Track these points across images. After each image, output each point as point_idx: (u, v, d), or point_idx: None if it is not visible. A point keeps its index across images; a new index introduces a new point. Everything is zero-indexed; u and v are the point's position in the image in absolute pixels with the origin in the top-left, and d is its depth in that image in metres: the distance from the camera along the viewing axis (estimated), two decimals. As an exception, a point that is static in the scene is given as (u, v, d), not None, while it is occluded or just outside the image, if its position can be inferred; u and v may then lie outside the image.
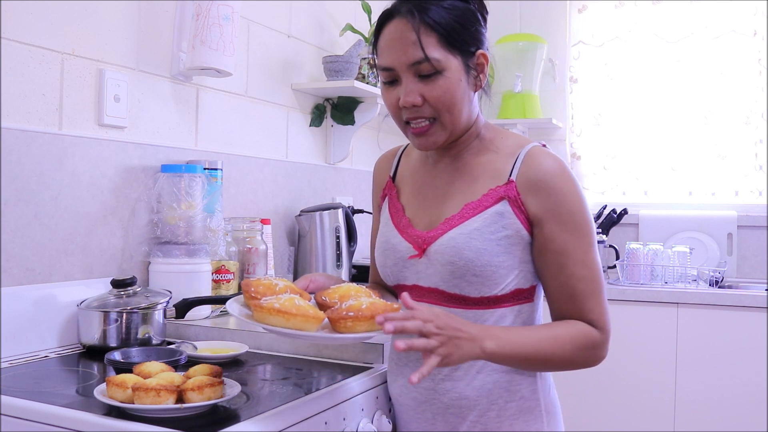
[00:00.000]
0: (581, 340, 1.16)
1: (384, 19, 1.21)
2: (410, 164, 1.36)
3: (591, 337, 1.17)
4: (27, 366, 1.37)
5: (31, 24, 1.53)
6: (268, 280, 1.18)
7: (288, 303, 1.09)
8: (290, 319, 1.08)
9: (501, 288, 1.19)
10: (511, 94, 3.35)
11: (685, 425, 2.58)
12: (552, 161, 1.20)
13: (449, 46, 1.16)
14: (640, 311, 2.68)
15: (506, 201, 1.19)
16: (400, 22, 1.17)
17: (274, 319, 1.08)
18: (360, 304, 1.10)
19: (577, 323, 1.18)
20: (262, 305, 1.09)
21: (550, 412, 1.25)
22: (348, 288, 1.18)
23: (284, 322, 1.08)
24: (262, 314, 1.09)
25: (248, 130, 2.21)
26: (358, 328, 1.09)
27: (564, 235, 1.17)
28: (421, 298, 1.23)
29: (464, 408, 1.21)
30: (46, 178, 1.55)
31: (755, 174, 3.09)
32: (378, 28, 1.22)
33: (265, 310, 1.08)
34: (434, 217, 1.26)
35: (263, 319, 1.09)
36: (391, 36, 1.18)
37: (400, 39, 1.16)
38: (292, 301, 1.10)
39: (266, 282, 1.17)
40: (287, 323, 1.08)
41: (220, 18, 1.82)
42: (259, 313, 1.10)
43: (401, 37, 1.16)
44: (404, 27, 1.16)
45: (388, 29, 1.19)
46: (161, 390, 1.00)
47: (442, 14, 1.16)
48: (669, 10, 3.23)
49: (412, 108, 1.18)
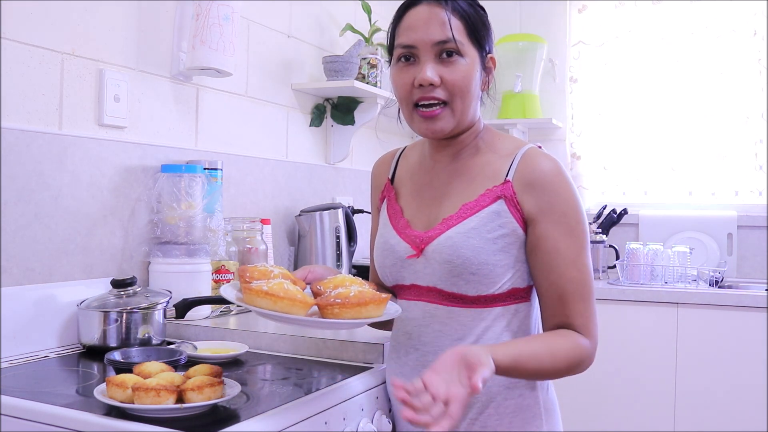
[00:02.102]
0: (576, 356, 1.17)
1: (410, 3, 1.24)
2: (408, 166, 1.37)
3: (584, 351, 1.18)
4: (27, 366, 1.37)
5: (31, 24, 1.53)
6: (264, 267, 1.19)
7: (276, 286, 1.10)
8: (277, 302, 1.09)
9: (498, 287, 1.20)
10: (511, 94, 3.35)
11: (685, 425, 2.58)
12: (548, 162, 1.22)
13: (471, 37, 1.22)
14: (640, 311, 2.68)
15: (503, 200, 1.20)
16: (428, 5, 1.21)
17: (261, 302, 1.09)
18: (348, 292, 1.11)
19: (570, 335, 1.18)
20: (251, 287, 1.10)
21: (549, 410, 1.26)
22: (343, 278, 1.19)
23: (271, 304, 1.09)
24: (251, 296, 1.10)
25: (248, 130, 2.22)
26: (344, 315, 1.10)
27: (556, 235, 1.18)
28: (420, 297, 1.24)
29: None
30: (46, 178, 1.55)
31: (755, 174, 3.09)
32: (401, 12, 1.25)
33: (254, 292, 1.09)
34: (432, 217, 1.27)
35: (252, 301, 1.10)
36: (418, 16, 1.21)
37: (429, 19, 1.20)
38: (281, 285, 1.10)
39: (262, 268, 1.18)
40: (274, 306, 1.09)
41: (220, 18, 1.82)
42: (248, 295, 1.11)
43: (430, 17, 1.20)
44: (435, 9, 1.20)
45: (414, 11, 1.22)
46: (161, 390, 1.00)
47: (468, 8, 1.22)
48: (669, 10, 3.23)
49: (428, 87, 1.20)
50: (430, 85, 1.20)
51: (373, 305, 1.11)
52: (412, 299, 1.26)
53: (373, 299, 1.11)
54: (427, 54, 1.20)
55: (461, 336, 1.21)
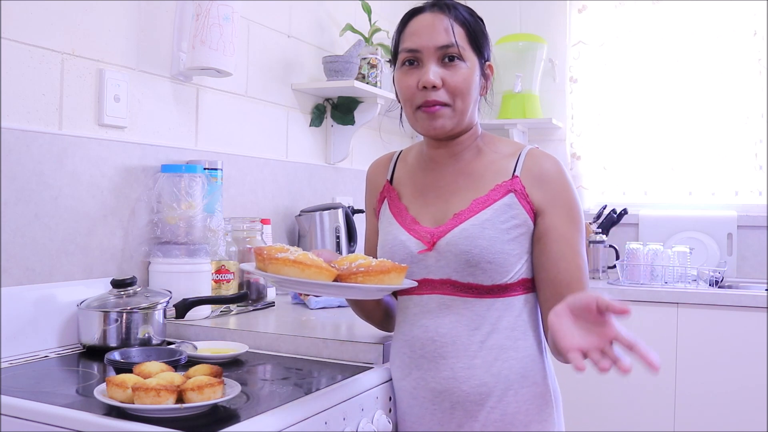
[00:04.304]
0: None
1: (414, 12, 1.31)
2: (407, 168, 1.41)
3: None
4: (27, 366, 1.37)
5: (31, 24, 1.53)
6: (280, 245, 1.21)
7: (302, 256, 1.14)
8: (305, 270, 1.12)
9: (511, 276, 1.26)
10: (511, 94, 3.35)
11: (685, 425, 2.58)
12: (553, 160, 1.31)
13: (472, 44, 1.29)
14: (640, 311, 2.67)
15: (513, 194, 1.27)
16: (433, 13, 1.28)
17: (289, 270, 1.12)
18: (369, 262, 1.17)
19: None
20: (277, 258, 1.13)
21: (557, 398, 1.32)
22: (356, 256, 1.23)
23: (299, 272, 1.12)
24: (278, 266, 1.13)
25: (248, 130, 2.22)
26: (368, 282, 1.14)
27: (564, 226, 1.27)
28: (434, 291, 1.28)
29: (483, 394, 1.24)
30: (46, 178, 1.55)
31: (755, 174, 3.08)
32: (406, 19, 1.32)
33: (281, 261, 1.12)
34: (440, 214, 1.31)
35: (279, 270, 1.13)
36: (423, 23, 1.28)
37: (433, 25, 1.27)
38: (305, 255, 1.15)
39: (279, 246, 1.20)
40: (302, 273, 1.12)
41: (220, 18, 1.82)
42: (275, 265, 1.13)
43: (434, 23, 1.27)
44: (438, 16, 1.28)
45: (419, 18, 1.30)
46: (161, 390, 1.00)
47: (469, 18, 1.30)
48: (669, 10, 3.23)
49: (431, 89, 1.25)
50: (432, 88, 1.25)
51: (395, 273, 1.18)
52: (425, 293, 1.29)
53: (395, 267, 1.17)
54: (431, 58, 1.27)
55: (477, 325, 1.25)
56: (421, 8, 1.30)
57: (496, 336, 1.25)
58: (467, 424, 1.25)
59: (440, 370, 1.26)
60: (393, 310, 1.42)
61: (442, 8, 1.28)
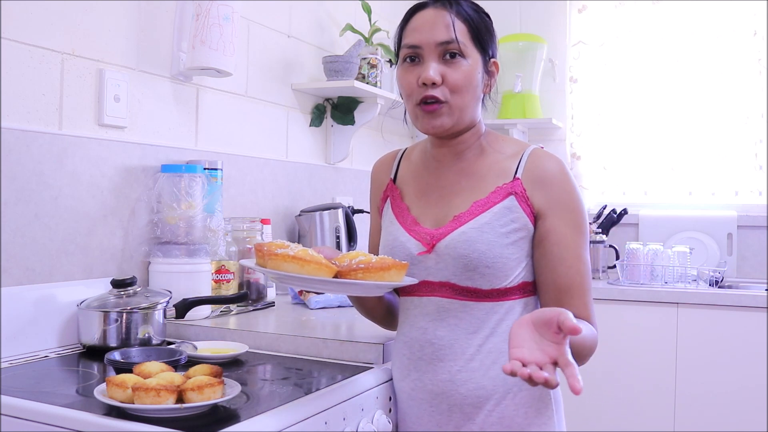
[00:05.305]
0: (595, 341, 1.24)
1: (417, 7, 1.30)
2: (411, 167, 1.40)
3: (596, 339, 1.25)
4: (27, 366, 1.37)
5: (31, 24, 1.53)
6: (280, 241, 1.21)
7: (302, 252, 1.13)
8: (305, 266, 1.12)
9: (510, 280, 1.24)
10: (511, 94, 3.35)
11: (685, 425, 2.58)
12: (555, 161, 1.28)
13: (474, 41, 1.27)
14: (640, 311, 2.68)
15: (513, 197, 1.25)
16: (435, 9, 1.27)
17: (288, 266, 1.12)
18: (370, 259, 1.16)
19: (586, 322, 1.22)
20: (277, 254, 1.13)
21: (557, 401, 1.30)
22: (357, 253, 1.23)
23: (299, 268, 1.12)
24: (277, 262, 1.12)
25: (248, 130, 2.22)
26: (368, 279, 1.14)
27: (565, 229, 1.24)
28: (433, 293, 1.27)
29: (481, 398, 1.24)
30: (46, 178, 1.55)
31: (755, 174, 3.09)
32: (409, 15, 1.30)
33: (280, 257, 1.12)
34: (441, 215, 1.30)
35: (278, 266, 1.12)
36: (424, 19, 1.27)
37: (434, 21, 1.25)
38: (305, 251, 1.14)
39: (279, 242, 1.20)
40: (302, 269, 1.12)
41: (220, 18, 1.82)
42: (274, 261, 1.13)
43: (435, 20, 1.25)
44: (440, 12, 1.26)
45: (421, 14, 1.28)
46: (161, 390, 1.00)
47: (472, 14, 1.28)
48: (669, 10, 3.23)
49: (431, 86, 1.24)
50: (432, 84, 1.24)
51: (395, 270, 1.17)
52: (424, 295, 1.28)
53: (395, 264, 1.17)
54: (431, 54, 1.25)
55: (476, 329, 1.24)
56: (424, 4, 1.29)
57: (494, 340, 1.24)
58: (465, 426, 1.24)
59: (437, 373, 1.25)
60: (395, 307, 1.42)
61: (445, 4, 1.26)
